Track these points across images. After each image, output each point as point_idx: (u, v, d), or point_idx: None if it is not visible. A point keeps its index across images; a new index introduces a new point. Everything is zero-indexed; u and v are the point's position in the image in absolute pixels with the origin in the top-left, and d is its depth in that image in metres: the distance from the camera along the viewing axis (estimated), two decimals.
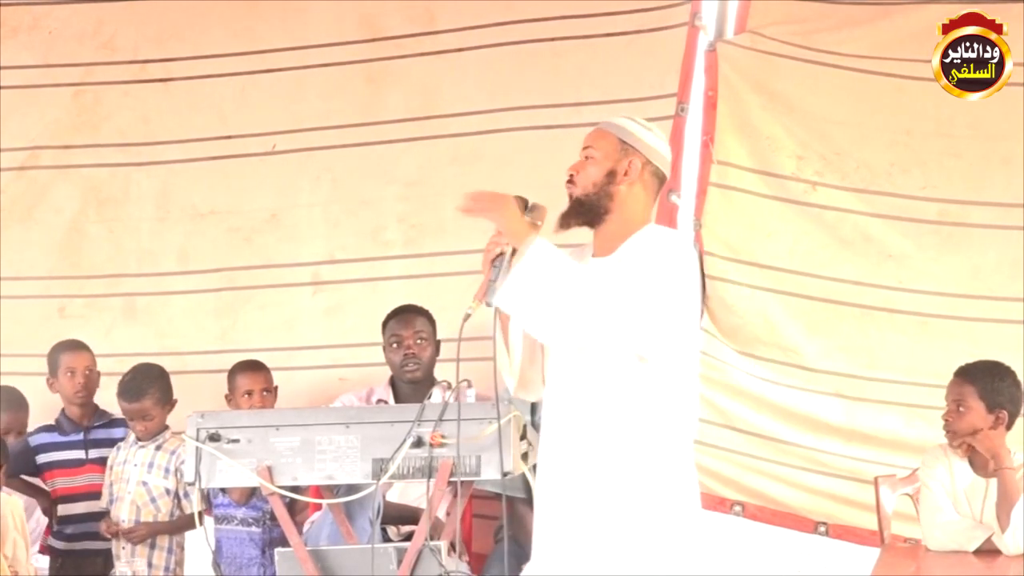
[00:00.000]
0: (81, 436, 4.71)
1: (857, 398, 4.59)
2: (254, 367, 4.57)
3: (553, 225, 3.26)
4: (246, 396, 4.51)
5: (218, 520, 4.49)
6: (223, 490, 4.43)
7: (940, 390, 3.98)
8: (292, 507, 4.17)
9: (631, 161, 3.30)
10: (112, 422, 4.69)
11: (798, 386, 4.61)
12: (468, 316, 3.20)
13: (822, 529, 4.71)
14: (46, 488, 4.73)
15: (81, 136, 5.19)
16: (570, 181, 3.31)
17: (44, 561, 4.73)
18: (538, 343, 3.38)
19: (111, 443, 4.64)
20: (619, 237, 3.27)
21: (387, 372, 4.56)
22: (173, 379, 4.61)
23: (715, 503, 4.72)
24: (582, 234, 3.32)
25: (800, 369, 4.60)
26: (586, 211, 3.27)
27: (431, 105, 4.88)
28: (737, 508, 4.69)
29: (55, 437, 4.71)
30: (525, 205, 3.24)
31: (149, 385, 4.51)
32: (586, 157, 3.32)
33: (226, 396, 4.57)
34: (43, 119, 5.21)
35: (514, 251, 3.15)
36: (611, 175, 3.28)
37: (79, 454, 4.69)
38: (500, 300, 3.15)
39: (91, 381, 4.72)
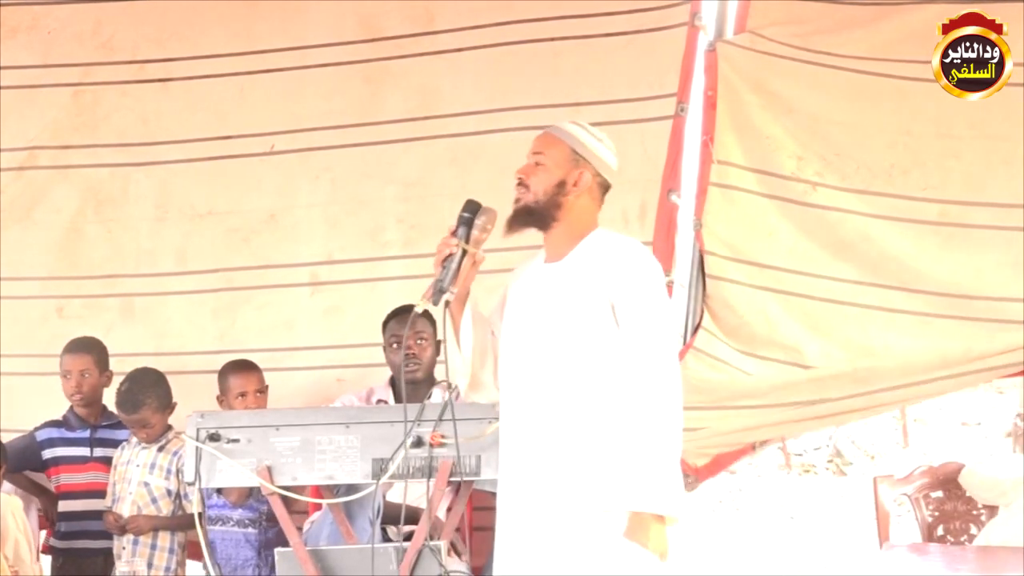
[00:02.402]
0: (88, 433, 4.70)
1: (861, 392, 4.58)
2: (246, 367, 4.55)
3: (502, 229, 3.36)
4: (240, 398, 4.48)
5: (212, 521, 4.48)
6: (218, 491, 4.42)
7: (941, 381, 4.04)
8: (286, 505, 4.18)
9: (582, 173, 3.36)
10: (119, 423, 4.65)
11: (800, 379, 4.58)
12: (415, 314, 3.44)
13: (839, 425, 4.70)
14: (49, 486, 4.71)
15: (80, 136, 5.17)
16: (521, 184, 3.35)
17: (47, 561, 4.71)
18: (489, 347, 3.46)
19: (116, 444, 4.63)
20: (567, 243, 3.35)
21: (386, 372, 4.56)
22: (171, 379, 4.59)
23: (735, 456, 4.71)
24: None
25: (802, 368, 4.58)
26: (534, 218, 3.36)
27: (430, 105, 4.87)
28: (759, 444, 4.68)
29: (62, 433, 4.70)
30: (477, 208, 3.34)
31: (145, 395, 4.49)
32: (536, 163, 3.37)
33: (218, 398, 4.55)
34: (42, 119, 5.19)
35: (464, 252, 3.33)
36: (561, 185, 3.35)
37: (84, 451, 4.68)
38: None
39: (86, 384, 4.69)
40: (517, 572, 3.32)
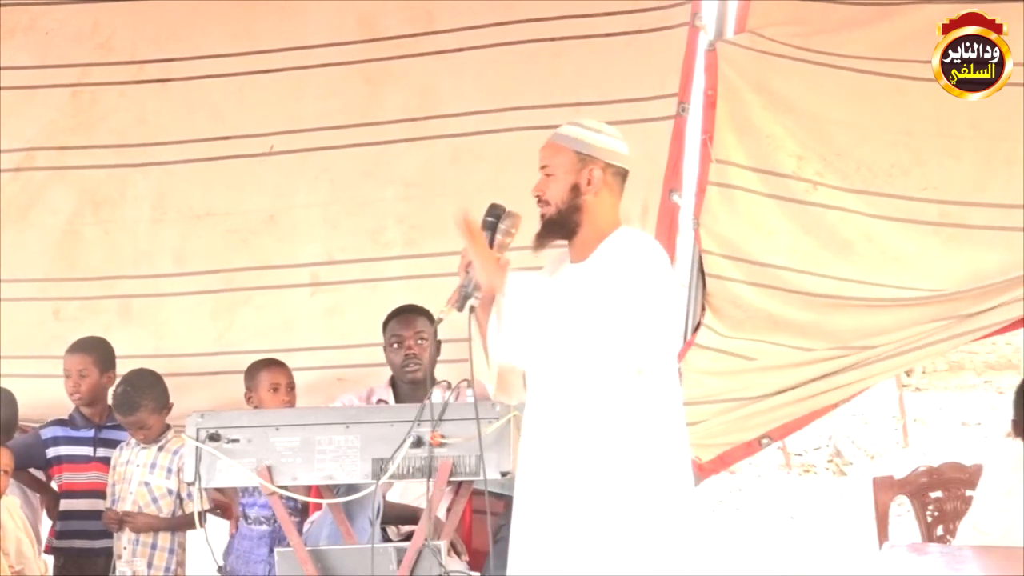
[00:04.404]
0: (92, 433, 4.70)
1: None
2: (277, 363, 4.55)
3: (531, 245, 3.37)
4: (273, 392, 4.47)
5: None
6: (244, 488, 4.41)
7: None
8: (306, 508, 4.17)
9: (591, 171, 3.36)
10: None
11: (803, 360, 4.58)
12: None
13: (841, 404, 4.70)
14: (52, 485, 4.72)
15: (77, 137, 5.15)
16: (541, 200, 3.37)
17: (49, 561, 4.71)
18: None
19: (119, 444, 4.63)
20: (592, 243, 3.36)
21: (386, 372, 4.55)
22: (170, 380, 4.58)
23: (744, 451, 4.70)
24: None
25: (804, 351, 4.58)
26: (559, 228, 3.37)
27: (430, 105, 4.86)
28: (765, 440, 4.66)
29: (67, 431, 4.71)
30: (501, 212, 3.33)
31: (142, 396, 4.48)
32: (547, 175, 3.37)
33: (246, 395, 4.53)
34: (39, 120, 5.17)
35: None
36: (575, 189, 3.36)
37: (87, 450, 4.69)
38: (497, 351, 3.23)
39: (84, 384, 4.69)
40: (533, 569, 3.32)
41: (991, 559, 3.93)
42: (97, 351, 4.73)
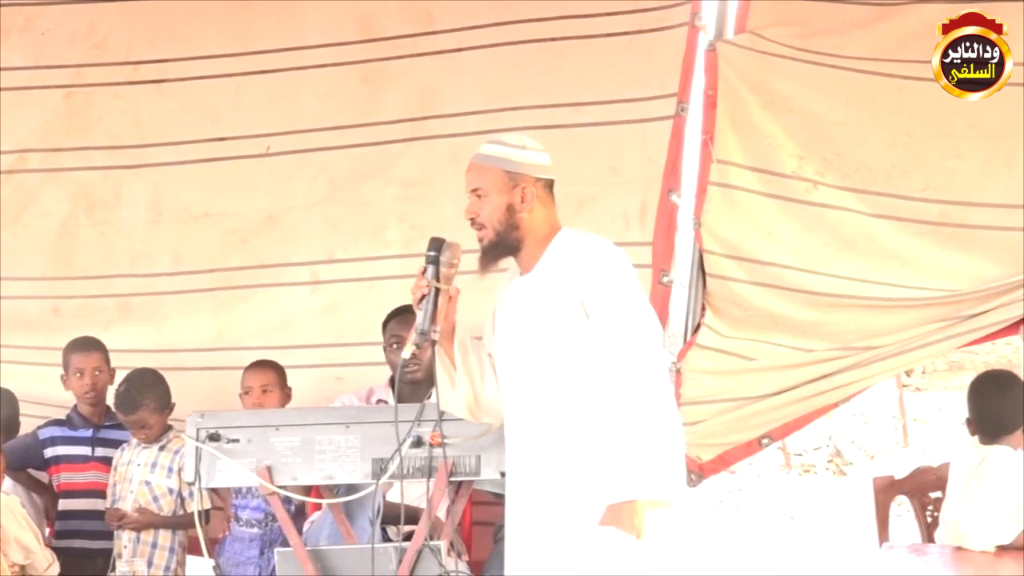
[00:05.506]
0: (90, 433, 4.70)
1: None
2: (257, 365, 4.56)
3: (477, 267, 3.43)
4: (245, 395, 4.51)
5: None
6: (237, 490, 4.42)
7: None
8: (302, 510, 4.16)
9: (524, 188, 3.40)
10: (122, 424, 4.64)
11: (803, 360, 4.58)
12: (412, 358, 3.54)
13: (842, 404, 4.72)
14: (50, 485, 4.71)
15: (71, 139, 5.14)
16: (475, 224, 3.41)
17: None
18: (488, 368, 3.52)
19: (118, 444, 4.63)
20: (536, 253, 3.41)
21: (385, 372, 4.54)
22: (169, 377, 4.58)
23: (744, 451, 4.69)
24: None
25: (804, 351, 4.57)
26: (502, 249, 3.42)
27: (429, 105, 4.85)
28: (766, 440, 4.64)
29: (65, 431, 4.71)
30: (440, 244, 3.43)
31: (143, 396, 4.49)
32: (478, 197, 3.41)
33: (240, 395, 4.56)
34: (33, 121, 5.15)
35: (437, 290, 3.40)
36: (510, 209, 3.39)
37: (86, 450, 4.69)
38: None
39: (99, 382, 4.70)
40: (527, 572, 3.32)
41: (991, 560, 3.93)
42: (103, 348, 4.75)
